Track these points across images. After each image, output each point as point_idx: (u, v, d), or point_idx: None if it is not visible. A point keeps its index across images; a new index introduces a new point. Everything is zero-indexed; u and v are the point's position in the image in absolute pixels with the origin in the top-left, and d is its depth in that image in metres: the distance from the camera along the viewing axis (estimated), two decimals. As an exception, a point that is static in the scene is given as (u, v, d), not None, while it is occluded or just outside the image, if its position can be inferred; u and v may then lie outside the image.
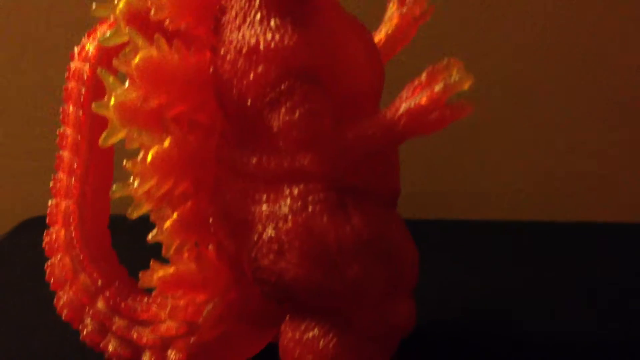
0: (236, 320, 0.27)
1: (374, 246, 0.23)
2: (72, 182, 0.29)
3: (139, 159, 0.24)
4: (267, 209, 0.23)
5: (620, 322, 0.34)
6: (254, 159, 0.23)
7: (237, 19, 0.23)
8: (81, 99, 0.29)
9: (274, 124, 0.22)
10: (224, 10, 0.23)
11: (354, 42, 0.23)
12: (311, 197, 0.22)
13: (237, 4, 0.23)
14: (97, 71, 0.25)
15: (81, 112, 0.29)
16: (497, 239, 0.46)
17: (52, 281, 0.30)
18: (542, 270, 0.41)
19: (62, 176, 0.29)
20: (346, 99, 0.23)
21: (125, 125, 0.24)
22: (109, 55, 0.27)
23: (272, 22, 0.22)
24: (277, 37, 0.22)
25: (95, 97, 0.27)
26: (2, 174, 0.56)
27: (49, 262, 0.30)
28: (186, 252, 0.26)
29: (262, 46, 0.22)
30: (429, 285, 0.27)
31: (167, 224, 0.25)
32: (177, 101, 0.24)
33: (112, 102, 0.24)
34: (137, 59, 0.23)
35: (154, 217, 0.25)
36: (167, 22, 0.23)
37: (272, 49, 0.22)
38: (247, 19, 0.22)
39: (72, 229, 0.29)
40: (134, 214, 0.25)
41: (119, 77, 0.25)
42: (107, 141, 0.25)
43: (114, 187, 0.25)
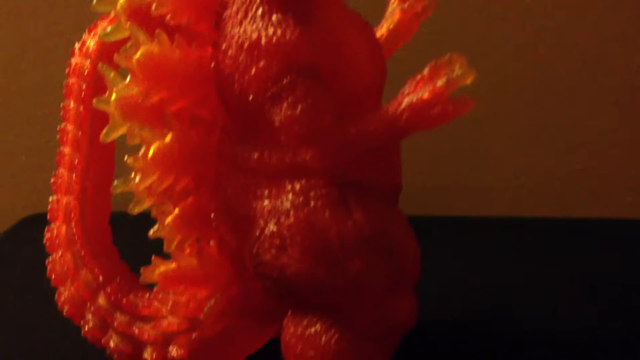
0: (238, 315, 0.27)
1: (375, 242, 0.23)
2: (73, 178, 0.29)
3: (140, 154, 0.24)
4: (269, 204, 0.23)
5: (621, 319, 0.34)
6: (255, 154, 0.23)
7: (238, 14, 0.23)
8: (82, 94, 0.28)
9: (276, 119, 0.22)
10: (225, 5, 0.23)
11: (356, 38, 0.23)
12: (313, 193, 0.22)
13: (238, -1, 0.23)
14: (98, 66, 0.25)
15: (82, 108, 0.29)
16: (498, 236, 0.46)
17: (53, 277, 0.30)
18: (544, 266, 0.41)
19: (63, 172, 0.29)
20: (348, 94, 0.22)
21: (126, 120, 0.24)
22: (110, 51, 0.27)
23: (273, 17, 0.22)
24: (278, 32, 0.22)
25: (96, 92, 0.27)
26: (2, 171, 0.56)
27: (50, 258, 0.30)
28: (188, 248, 0.26)
29: (263, 41, 0.22)
30: (430, 281, 0.27)
31: (169, 219, 0.25)
32: (178, 96, 0.24)
33: (113, 98, 0.24)
34: (138, 55, 0.23)
35: (155, 213, 0.25)
36: (168, 17, 0.23)
37: (273, 43, 0.22)
38: (249, 14, 0.22)
39: (73, 225, 0.29)
40: (136, 210, 0.25)
41: (120, 72, 0.25)
42: (108, 137, 0.24)
43: (115, 183, 0.25)
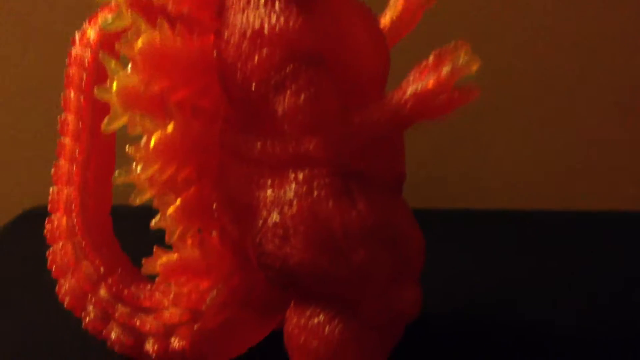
0: (240, 306, 0.26)
1: (379, 232, 0.22)
2: (74, 169, 0.29)
3: (142, 144, 0.24)
4: (271, 194, 0.23)
5: (624, 312, 0.34)
6: (258, 144, 0.23)
7: (241, 2, 0.22)
8: (82, 85, 0.28)
9: (279, 108, 0.22)
10: (227, -7, 0.23)
11: (360, 26, 0.23)
12: (316, 182, 0.22)
13: (241, -13, 0.22)
14: (99, 55, 0.25)
15: (82, 98, 0.28)
16: (500, 229, 0.46)
17: (53, 269, 0.29)
18: (546, 259, 0.41)
19: (63, 163, 0.29)
20: (351, 83, 0.22)
21: (127, 110, 0.24)
22: (111, 40, 0.27)
23: (276, 4, 0.22)
24: (282, 20, 0.22)
25: (96, 83, 0.27)
26: (2, 164, 0.56)
27: (50, 249, 0.29)
28: (189, 239, 0.26)
29: (266, 29, 0.22)
30: (432, 274, 0.27)
31: (171, 210, 0.25)
32: (180, 86, 0.24)
33: (114, 87, 0.24)
34: (139, 43, 0.23)
35: (157, 204, 0.25)
36: (169, 5, 0.23)
37: (276, 32, 0.21)
38: (252, 2, 0.22)
39: (73, 216, 0.29)
40: (137, 200, 0.25)
41: (121, 62, 0.24)
42: (109, 127, 0.24)
43: (117, 173, 0.25)
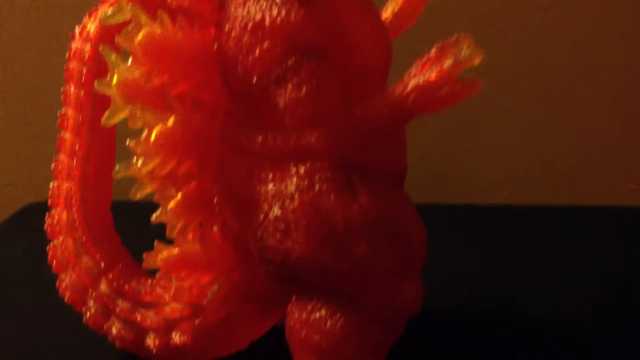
0: (241, 301, 0.26)
1: (381, 225, 0.22)
2: (74, 163, 0.29)
3: (143, 138, 0.24)
4: (273, 187, 0.23)
5: (624, 307, 0.34)
6: (259, 138, 0.23)
7: (242, -6, 0.22)
8: (82, 79, 0.28)
9: (280, 101, 0.21)
10: (228, -14, 0.23)
11: (361, 19, 0.23)
12: (318, 176, 0.22)
13: (242, -20, 0.22)
14: (100, 48, 0.24)
15: (82, 93, 0.28)
16: (501, 224, 0.46)
17: (54, 264, 0.29)
18: (547, 254, 0.41)
19: (63, 158, 0.29)
20: (353, 76, 0.22)
21: (128, 103, 0.24)
22: (111, 34, 0.27)
23: (277, -3, 0.22)
24: (283, 13, 0.21)
25: (96, 77, 0.27)
26: (2, 160, 0.56)
27: (50, 244, 0.29)
28: (190, 233, 0.25)
29: (267, 22, 0.21)
30: (433, 269, 0.27)
31: (171, 204, 0.25)
32: (181, 79, 0.24)
33: (114, 81, 0.23)
34: (140, 36, 0.23)
35: (157, 198, 0.25)
36: (170, -2, 0.23)
37: (278, 24, 0.21)
38: (253, -6, 0.22)
39: (74, 210, 0.29)
40: (138, 195, 0.25)
41: (122, 55, 0.24)
42: (110, 120, 0.24)
43: (117, 167, 0.24)
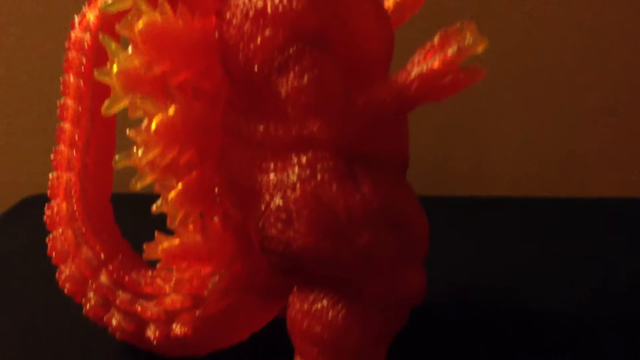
0: (242, 292, 0.26)
1: (384, 215, 0.22)
2: (74, 154, 0.28)
3: (143, 127, 0.23)
4: (274, 177, 0.22)
5: (626, 299, 0.34)
6: (261, 127, 0.23)
7: (243, -18, 0.22)
8: (82, 69, 0.28)
9: (282, 90, 0.21)
10: (229, -27, 0.22)
11: (364, 7, 0.23)
12: (320, 165, 0.22)
13: (243, -33, 0.22)
14: (99, 37, 0.24)
15: (82, 83, 0.28)
16: (504, 216, 0.46)
17: (53, 255, 0.29)
18: (549, 246, 0.41)
19: (63, 148, 0.29)
20: (355, 64, 0.22)
21: (128, 92, 0.23)
22: (111, 23, 0.27)
23: (279, -16, 0.21)
24: (284, 0, 0.21)
25: (96, 66, 0.26)
26: (2, 152, 0.56)
27: (50, 235, 0.29)
28: (191, 224, 0.25)
29: (269, 9, 0.21)
30: (436, 261, 0.27)
31: (172, 194, 0.24)
32: (182, 68, 0.23)
33: (114, 69, 0.23)
34: (140, 24, 0.22)
35: (158, 188, 0.25)
36: (170, -14, 0.23)
37: (279, 12, 0.21)
38: (254, -18, 0.22)
39: (73, 201, 0.28)
40: (138, 185, 0.24)
41: (122, 45, 0.24)
42: (110, 110, 0.24)
43: (117, 157, 0.24)
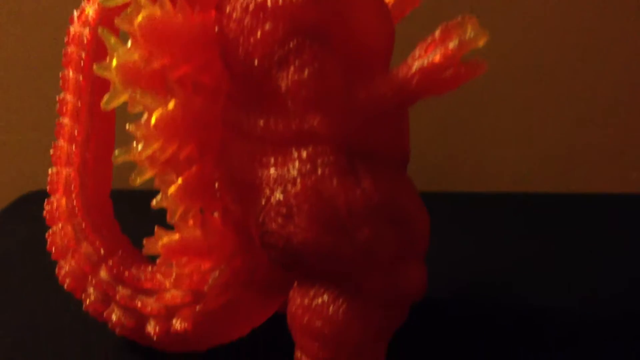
0: (243, 288, 0.26)
1: (384, 210, 0.22)
2: (73, 149, 0.28)
3: (143, 121, 0.23)
4: (275, 172, 0.22)
5: (627, 294, 0.34)
6: (261, 121, 0.23)
7: (243, -24, 0.22)
8: (81, 63, 0.28)
9: (282, 84, 0.21)
10: (229, -33, 0.22)
11: (364, 0, 0.22)
12: (320, 160, 0.22)
13: (243, -40, 0.22)
14: (99, 31, 0.24)
15: (81, 78, 0.28)
16: (504, 211, 0.46)
17: (53, 250, 0.29)
18: (549, 241, 0.41)
19: (62, 144, 0.29)
20: (356, 58, 0.22)
21: (127, 87, 0.23)
22: (110, 18, 0.26)
23: (279, -22, 0.21)
24: (285, -7, 0.21)
25: (95, 61, 0.26)
26: (2, 147, 0.56)
27: (50, 231, 0.29)
28: (191, 219, 0.25)
29: (269, 3, 0.21)
30: (436, 257, 0.27)
31: (172, 189, 0.24)
32: (181, 62, 0.23)
33: (114, 64, 0.23)
34: (139, 18, 0.22)
35: (158, 183, 0.25)
36: (170, -20, 0.23)
37: (280, 5, 0.21)
38: (254, -25, 0.22)
39: (73, 197, 0.28)
40: (138, 180, 0.24)
41: (121, 39, 0.24)
42: (109, 104, 0.24)
43: (117, 152, 0.24)
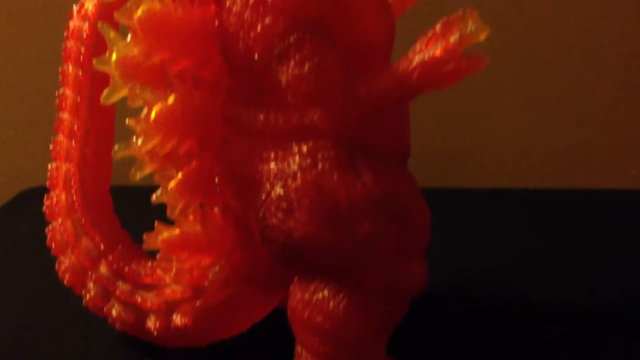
0: (243, 283, 0.26)
1: (385, 204, 0.22)
2: (73, 144, 0.28)
3: (142, 116, 0.23)
4: (275, 167, 0.22)
5: (626, 288, 0.34)
6: (261, 116, 0.23)
7: (243, -31, 0.22)
8: (81, 58, 0.28)
9: (283, 78, 0.21)
10: (229, -40, 0.22)
11: (365, -5, 0.22)
12: (321, 154, 0.22)
13: (242, -46, 0.22)
14: (98, 25, 0.24)
15: (81, 73, 0.28)
16: (505, 207, 0.46)
17: (53, 246, 0.29)
18: (549, 237, 0.41)
19: (62, 139, 0.29)
20: (356, 52, 0.22)
21: (127, 81, 0.23)
22: (109, 13, 0.26)
23: (280, -29, 0.21)
24: (285, -13, 0.21)
25: (95, 56, 0.26)
26: (1, 144, 0.55)
27: (49, 226, 0.29)
28: (191, 214, 0.25)
29: (270, -4, 0.21)
30: (437, 252, 0.27)
31: (172, 184, 0.24)
32: (181, 56, 0.23)
33: (113, 58, 0.23)
34: (139, 12, 0.22)
35: (158, 178, 0.25)
36: (169, -26, 0.23)
37: None
38: (254, -31, 0.21)
39: (73, 192, 0.28)
40: (137, 175, 0.24)
41: (120, 33, 0.24)
42: (109, 99, 0.24)
43: (116, 147, 0.24)
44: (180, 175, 0.24)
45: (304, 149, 0.22)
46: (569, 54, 0.50)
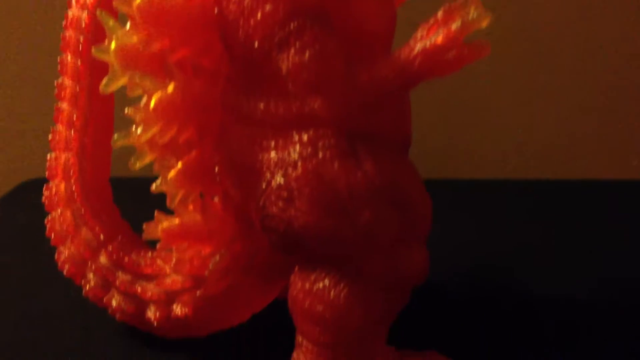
0: (243, 273, 0.26)
1: (386, 192, 0.22)
2: (72, 134, 0.28)
3: (142, 105, 0.23)
4: (275, 155, 0.22)
5: (627, 279, 0.34)
6: (261, 105, 0.22)
7: (242, -44, 0.21)
8: (79, 48, 0.28)
9: (283, 66, 0.21)
10: (228, -53, 0.22)
11: (365, -18, 0.22)
12: (321, 143, 0.22)
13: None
14: (97, 13, 0.24)
15: (80, 62, 0.28)
16: (506, 198, 0.46)
17: (52, 236, 0.29)
18: (550, 227, 0.41)
19: (61, 128, 0.29)
20: (357, 40, 0.22)
21: (126, 70, 0.23)
22: (108, 1, 0.26)
23: (280, -43, 0.21)
24: (285, -26, 0.21)
25: (94, 45, 0.26)
26: (1, 135, 0.55)
27: (49, 216, 0.29)
28: (191, 204, 0.25)
29: (270, -17, 0.21)
30: (438, 243, 0.27)
31: (172, 173, 0.24)
32: (181, 44, 0.23)
33: (112, 46, 0.23)
34: (138, 0, 0.22)
35: (157, 167, 0.25)
36: (169, -39, 0.22)
37: None
38: (254, -44, 0.21)
39: (72, 182, 0.28)
40: (137, 164, 0.24)
41: (119, 22, 0.24)
42: (108, 87, 0.24)
43: (116, 136, 0.24)
44: (180, 164, 0.24)
45: (305, 137, 0.22)
46: (569, 45, 0.50)
